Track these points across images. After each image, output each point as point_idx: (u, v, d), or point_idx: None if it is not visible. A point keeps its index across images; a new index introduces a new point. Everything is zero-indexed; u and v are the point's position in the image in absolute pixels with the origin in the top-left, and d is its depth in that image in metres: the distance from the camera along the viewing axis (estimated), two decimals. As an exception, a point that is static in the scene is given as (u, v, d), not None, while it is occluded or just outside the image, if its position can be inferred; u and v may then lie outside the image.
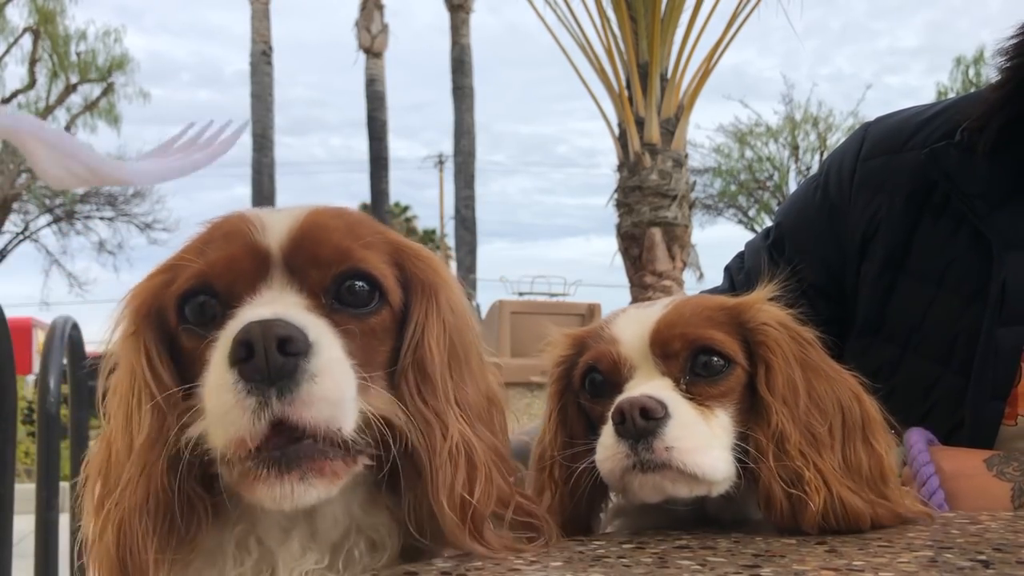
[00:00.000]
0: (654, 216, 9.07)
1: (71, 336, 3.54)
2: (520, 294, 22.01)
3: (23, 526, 3.03)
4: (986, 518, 1.12)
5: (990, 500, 1.30)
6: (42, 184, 26.75)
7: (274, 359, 0.83)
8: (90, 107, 27.16)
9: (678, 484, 1.03)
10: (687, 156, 9.55)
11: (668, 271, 9.07)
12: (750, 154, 30.46)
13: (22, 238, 27.65)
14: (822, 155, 27.45)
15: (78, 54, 26.69)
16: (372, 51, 28.24)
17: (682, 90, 9.24)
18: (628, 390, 1.08)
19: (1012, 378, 1.43)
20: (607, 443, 1.05)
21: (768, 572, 0.84)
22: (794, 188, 2.35)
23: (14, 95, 26.63)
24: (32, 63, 26.38)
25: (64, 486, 3.59)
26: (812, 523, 1.00)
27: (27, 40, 26.34)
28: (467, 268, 29.06)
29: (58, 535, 3.30)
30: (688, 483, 1.03)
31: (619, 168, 9.40)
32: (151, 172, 2.17)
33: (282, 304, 0.90)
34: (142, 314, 0.97)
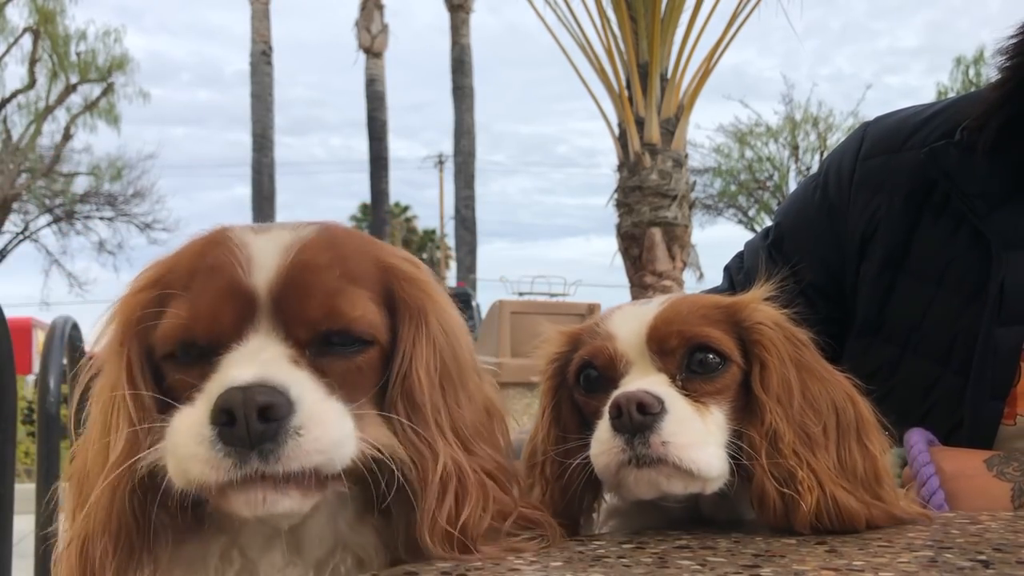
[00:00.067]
0: (654, 216, 9.07)
1: (71, 336, 3.54)
2: (520, 294, 22.01)
3: (23, 526, 3.02)
4: (986, 518, 1.12)
5: (990, 500, 1.30)
6: (42, 184, 26.79)
7: (255, 427, 0.83)
8: (90, 107, 27.17)
9: (673, 480, 1.03)
10: (687, 156, 9.56)
11: (668, 271, 9.07)
12: (750, 154, 30.48)
13: (22, 238, 27.66)
14: (822, 155, 27.39)
15: (78, 54, 26.71)
16: (372, 51, 28.25)
17: (682, 90, 9.24)
18: (624, 386, 1.08)
19: (1011, 378, 1.43)
20: (603, 437, 1.05)
21: (768, 572, 0.84)
22: (794, 188, 2.35)
23: (14, 95, 26.65)
24: (32, 63, 26.39)
25: (65, 486, 3.57)
26: (805, 522, 1.00)
27: (27, 40, 26.37)
28: (467, 268, 29.06)
29: (58, 535, 3.28)
30: (683, 479, 1.03)
31: (619, 168, 9.40)
32: None
33: (266, 357, 0.89)
34: (129, 328, 0.96)
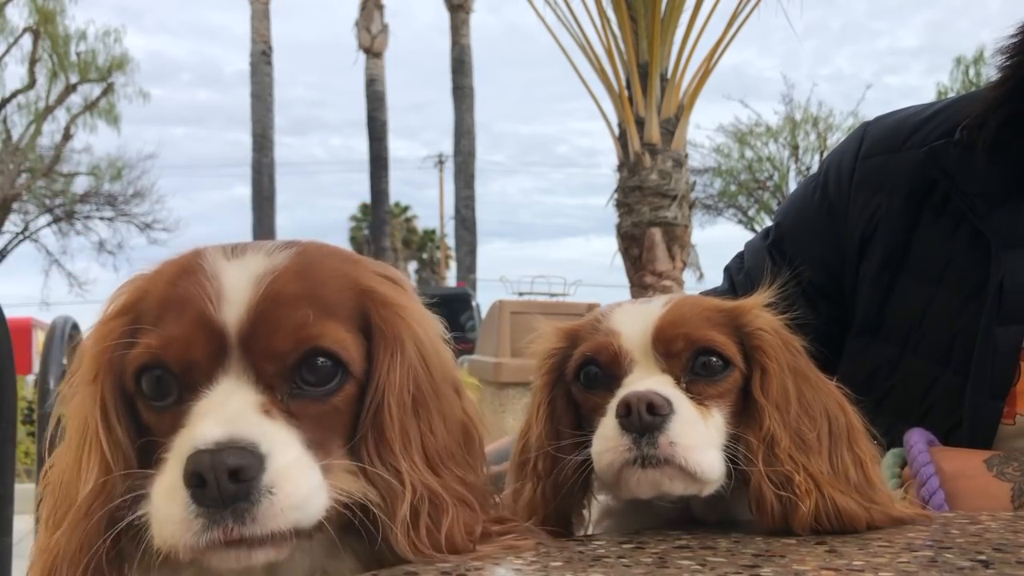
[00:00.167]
0: (654, 216, 9.07)
1: (71, 336, 3.54)
2: (520, 294, 21.99)
3: (23, 526, 3.02)
4: (986, 518, 1.12)
5: (990, 500, 1.30)
6: (42, 184, 26.79)
7: (226, 488, 0.83)
8: (90, 107, 27.20)
9: (675, 481, 1.03)
10: (687, 156, 9.56)
11: (668, 271, 9.08)
12: (750, 154, 30.51)
13: (22, 238, 27.69)
14: (822, 155, 27.40)
15: (78, 54, 26.73)
16: (372, 51, 28.28)
17: (682, 90, 9.25)
18: (628, 384, 1.07)
19: (1011, 377, 1.43)
20: (608, 435, 1.05)
21: (768, 572, 0.84)
22: (794, 188, 2.35)
23: (14, 95, 26.67)
24: (32, 63, 26.41)
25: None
26: (803, 525, 1.01)
27: (27, 40, 26.40)
28: (467, 268, 29.09)
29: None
30: (685, 481, 1.03)
31: (619, 168, 9.40)
32: None
33: (235, 406, 0.88)
34: (102, 361, 0.95)
